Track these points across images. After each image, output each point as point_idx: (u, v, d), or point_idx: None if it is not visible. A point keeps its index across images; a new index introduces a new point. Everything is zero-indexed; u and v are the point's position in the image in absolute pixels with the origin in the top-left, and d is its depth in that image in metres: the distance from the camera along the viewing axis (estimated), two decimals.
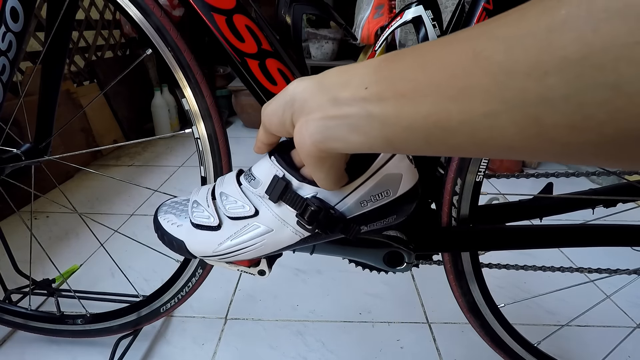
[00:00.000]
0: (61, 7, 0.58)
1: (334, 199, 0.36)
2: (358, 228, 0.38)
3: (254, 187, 0.38)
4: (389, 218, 0.39)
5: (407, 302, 0.93)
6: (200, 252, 0.42)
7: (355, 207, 0.37)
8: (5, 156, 0.63)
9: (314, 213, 0.35)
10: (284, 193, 0.36)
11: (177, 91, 0.56)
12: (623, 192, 0.56)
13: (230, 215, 0.39)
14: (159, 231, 0.44)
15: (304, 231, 0.38)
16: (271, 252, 0.40)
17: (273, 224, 0.38)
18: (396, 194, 0.37)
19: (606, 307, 0.91)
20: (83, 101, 1.73)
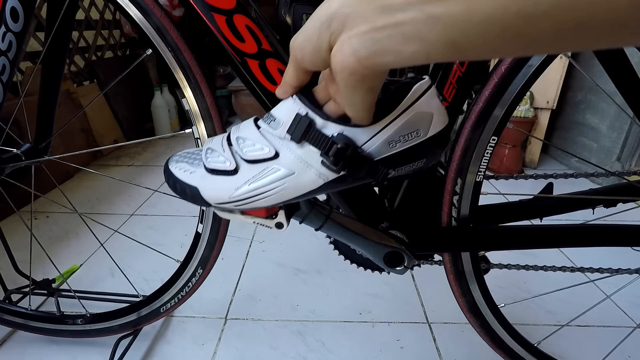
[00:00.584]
0: (61, 7, 0.58)
1: (361, 138, 0.34)
2: (386, 171, 0.35)
3: (274, 128, 0.35)
4: (417, 162, 0.37)
5: (407, 302, 0.93)
6: (215, 199, 0.39)
7: (384, 148, 0.35)
8: (5, 156, 0.63)
9: (340, 151, 0.33)
10: (307, 132, 0.34)
11: (177, 91, 0.56)
12: (623, 192, 0.56)
13: (248, 158, 0.37)
14: (170, 180, 0.41)
15: (328, 173, 0.35)
16: (292, 198, 0.38)
17: (295, 166, 0.36)
18: (427, 134, 0.35)
19: (606, 307, 0.91)
20: (83, 101, 1.73)
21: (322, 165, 0.35)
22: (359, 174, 0.35)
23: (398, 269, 0.55)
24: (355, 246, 0.53)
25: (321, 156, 0.34)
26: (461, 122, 0.51)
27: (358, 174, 0.35)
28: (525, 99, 1.65)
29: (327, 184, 0.36)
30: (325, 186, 0.36)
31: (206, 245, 0.65)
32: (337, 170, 0.35)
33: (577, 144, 1.74)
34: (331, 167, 0.34)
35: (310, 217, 0.49)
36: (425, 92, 0.33)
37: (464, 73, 0.46)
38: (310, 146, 0.34)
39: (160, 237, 1.19)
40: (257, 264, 1.07)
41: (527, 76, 0.45)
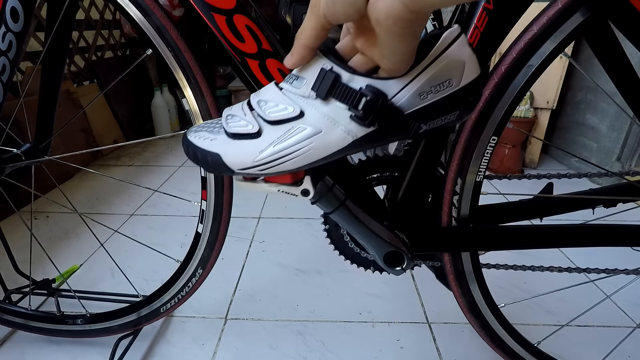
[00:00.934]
0: (61, 7, 0.58)
1: (391, 90, 0.33)
2: (417, 125, 0.34)
3: (297, 87, 0.34)
4: (450, 114, 0.35)
5: (407, 302, 0.93)
6: (238, 165, 0.38)
7: (415, 100, 0.33)
8: (5, 156, 0.63)
9: (369, 103, 0.32)
10: (334, 87, 0.33)
11: (177, 91, 0.56)
12: (623, 192, 0.56)
13: (271, 119, 0.36)
14: (190, 149, 0.40)
15: (357, 129, 0.34)
16: (319, 159, 0.36)
17: (321, 124, 0.34)
18: (459, 84, 0.34)
19: (606, 307, 0.91)
20: (83, 101, 1.73)
21: (350, 121, 0.34)
22: (389, 128, 0.34)
23: (396, 270, 0.55)
24: (361, 239, 0.53)
25: (349, 110, 0.33)
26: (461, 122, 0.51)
27: (388, 129, 0.34)
28: (525, 99, 1.65)
29: (356, 142, 0.35)
30: (353, 144, 0.35)
31: (206, 245, 0.65)
32: (366, 124, 0.33)
33: (577, 144, 1.74)
34: (360, 121, 0.33)
35: (326, 197, 0.47)
36: (455, 40, 0.32)
37: None
38: (336, 102, 0.33)
39: (160, 237, 1.19)
40: (257, 264, 1.07)
41: (527, 76, 0.45)
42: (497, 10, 0.42)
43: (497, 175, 0.59)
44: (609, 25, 0.42)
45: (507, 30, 0.44)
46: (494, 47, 0.45)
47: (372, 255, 0.55)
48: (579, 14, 0.42)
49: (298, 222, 1.26)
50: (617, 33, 0.42)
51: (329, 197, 0.48)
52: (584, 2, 0.41)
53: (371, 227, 0.52)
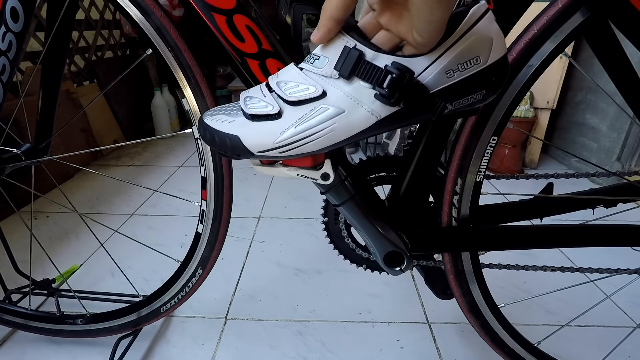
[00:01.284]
0: (61, 7, 0.58)
1: (417, 67, 0.32)
2: (443, 104, 0.33)
3: (319, 66, 0.33)
4: (477, 93, 0.34)
5: (407, 302, 0.93)
6: (258, 147, 0.36)
7: (441, 78, 0.32)
8: (5, 156, 0.63)
9: (395, 81, 0.31)
10: (357, 65, 0.32)
11: (177, 91, 0.56)
12: (623, 192, 0.56)
13: (293, 99, 0.35)
14: (207, 132, 0.38)
15: (381, 109, 0.33)
16: (342, 140, 0.35)
17: (345, 104, 0.33)
18: (486, 62, 0.33)
19: (606, 307, 0.91)
20: (83, 101, 1.73)
21: (374, 100, 0.33)
22: (414, 108, 0.33)
23: (395, 270, 0.55)
24: (365, 235, 0.53)
25: (374, 89, 0.32)
26: (461, 122, 0.51)
27: (413, 109, 0.33)
28: (525, 99, 1.65)
29: (380, 122, 0.34)
30: (377, 125, 0.34)
31: (206, 245, 0.65)
32: (392, 103, 0.32)
33: (577, 144, 1.74)
34: (386, 100, 0.32)
35: (337, 189, 0.47)
36: (483, 16, 0.31)
37: None
38: (360, 81, 0.32)
39: (160, 237, 1.19)
40: (257, 264, 1.07)
41: (527, 76, 0.45)
42: (497, 10, 0.42)
43: (497, 175, 0.59)
44: (609, 25, 0.42)
45: (507, 30, 0.44)
46: None
47: (372, 253, 0.55)
48: (579, 14, 0.42)
49: (298, 222, 1.26)
50: (617, 33, 0.42)
51: (340, 189, 0.48)
52: (584, 2, 0.41)
53: (376, 224, 0.52)
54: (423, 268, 0.61)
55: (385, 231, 0.53)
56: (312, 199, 1.41)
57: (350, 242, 0.60)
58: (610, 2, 0.40)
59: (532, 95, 1.67)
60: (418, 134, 0.50)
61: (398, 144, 1.60)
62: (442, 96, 0.33)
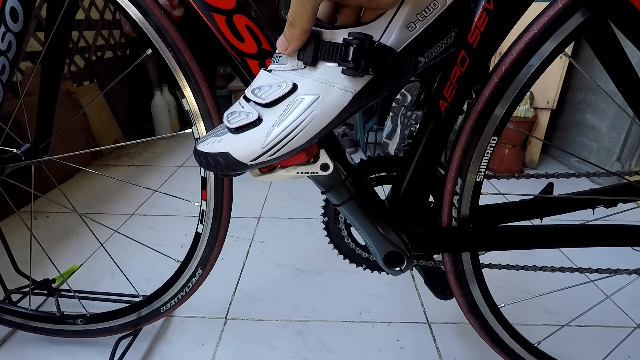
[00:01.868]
0: (61, 7, 0.58)
1: (375, 30, 0.32)
2: (414, 59, 0.33)
3: (284, 62, 0.34)
4: (447, 37, 0.34)
5: (407, 302, 0.93)
6: (249, 155, 0.37)
7: (403, 34, 0.32)
8: (5, 156, 0.63)
9: (357, 49, 0.31)
10: (318, 48, 0.32)
11: (177, 91, 0.56)
12: (623, 192, 0.56)
13: (268, 101, 0.35)
14: (202, 158, 0.40)
15: (353, 83, 0.33)
16: (325, 125, 0.35)
17: (317, 89, 0.34)
18: (445, 3, 0.32)
19: (606, 307, 0.91)
20: (83, 101, 1.73)
21: (344, 77, 0.33)
22: (385, 72, 0.32)
23: (395, 270, 0.55)
24: (365, 235, 0.53)
25: (340, 66, 0.32)
26: (461, 122, 0.51)
27: (384, 73, 0.32)
28: (525, 99, 1.65)
29: (357, 97, 0.34)
30: (355, 100, 0.34)
31: (206, 245, 0.65)
32: (361, 73, 0.32)
33: (577, 144, 1.74)
34: (354, 72, 0.32)
35: (337, 189, 0.47)
36: None
37: (464, 73, 0.45)
38: (325, 63, 0.32)
39: (160, 237, 1.19)
40: (257, 264, 1.07)
41: (527, 76, 0.45)
42: (497, 10, 0.42)
43: (497, 175, 0.59)
44: (609, 25, 0.42)
45: (507, 30, 0.44)
46: (494, 47, 0.45)
47: (372, 253, 0.55)
48: (579, 14, 0.42)
49: (298, 222, 1.26)
50: (618, 33, 0.42)
51: (340, 189, 0.48)
52: (584, 2, 0.41)
53: (377, 224, 0.52)
54: (422, 268, 0.61)
55: (386, 231, 0.53)
56: (312, 199, 1.41)
57: (350, 242, 0.60)
58: (611, 2, 0.40)
59: (532, 95, 1.67)
60: (418, 134, 0.50)
61: (398, 144, 1.60)
62: (412, 51, 0.33)
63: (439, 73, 0.49)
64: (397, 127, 1.59)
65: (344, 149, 0.52)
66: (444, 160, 0.54)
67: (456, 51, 0.45)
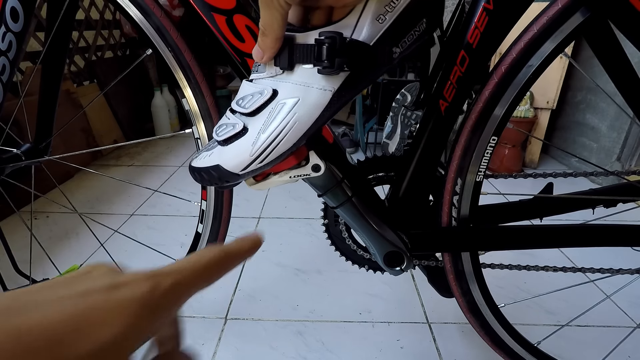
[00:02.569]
0: (61, 7, 0.58)
1: (346, 28, 0.32)
2: (388, 49, 0.33)
3: (262, 71, 0.35)
4: (418, 25, 0.34)
5: (407, 302, 0.93)
6: (239, 165, 0.38)
7: (374, 26, 0.33)
8: (5, 156, 0.63)
9: (330, 47, 0.31)
10: (292, 52, 0.33)
11: (177, 91, 0.56)
12: (623, 192, 0.56)
13: (252, 109, 0.36)
14: (196, 173, 0.40)
15: (331, 81, 0.34)
16: (310, 125, 0.36)
17: (296, 92, 0.34)
18: None
19: (606, 307, 0.91)
20: (83, 101, 1.73)
21: (321, 77, 0.33)
22: (360, 66, 0.33)
23: (396, 270, 0.55)
24: (364, 236, 0.53)
25: (316, 66, 0.33)
26: (461, 122, 0.51)
27: (360, 67, 0.33)
28: (525, 99, 1.65)
29: (337, 95, 0.34)
30: (336, 98, 0.35)
31: (206, 245, 0.65)
32: (336, 70, 0.33)
33: (577, 144, 1.74)
34: (329, 70, 0.32)
35: (333, 191, 0.48)
36: None
37: (464, 73, 0.46)
38: (301, 66, 0.33)
39: (160, 237, 1.19)
40: (257, 264, 1.07)
41: (527, 76, 0.45)
42: (497, 10, 0.42)
43: (496, 175, 0.59)
44: (609, 25, 0.42)
45: (507, 30, 0.44)
46: (494, 47, 0.45)
47: (372, 254, 0.55)
48: (579, 14, 0.42)
49: (298, 222, 1.26)
50: (617, 33, 0.42)
51: (337, 191, 0.48)
52: (584, 2, 0.41)
53: (375, 225, 0.52)
54: (426, 267, 0.61)
55: (384, 231, 0.53)
56: (312, 199, 1.41)
57: (352, 243, 0.60)
58: (610, 2, 0.40)
59: (532, 95, 1.67)
60: (418, 134, 0.50)
61: (398, 144, 1.60)
62: (385, 43, 0.33)
63: (439, 73, 0.49)
64: (397, 127, 1.59)
65: (343, 149, 0.52)
66: (444, 160, 0.54)
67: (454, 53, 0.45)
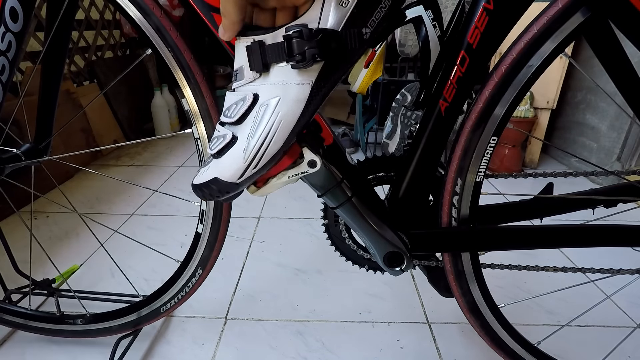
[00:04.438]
0: (61, 7, 0.58)
1: (310, 19, 0.33)
2: (357, 31, 0.33)
3: (241, 78, 0.36)
4: (384, 1, 0.34)
5: (407, 302, 0.93)
6: (235, 174, 0.38)
7: (339, 12, 0.33)
8: (5, 156, 0.63)
9: (299, 40, 0.32)
10: (264, 53, 0.33)
11: (177, 91, 0.56)
12: (623, 192, 0.56)
13: (237, 117, 0.37)
14: (198, 190, 0.41)
15: (307, 74, 0.34)
16: (295, 122, 0.36)
17: (276, 91, 0.35)
18: None
19: (606, 307, 0.91)
20: (83, 101, 1.73)
21: (297, 73, 0.34)
22: (332, 54, 0.33)
23: (396, 270, 0.55)
24: (364, 236, 0.53)
25: (289, 62, 0.33)
26: (461, 122, 0.51)
27: (332, 55, 0.33)
28: (525, 99, 1.65)
29: (316, 86, 0.35)
30: (316, 90, 0.35)
31: (206, 245, 0.65)
32: (308, 62, 0.33)
33: (577, 144, 1.74)
34: (303, 63, 0.33)
35: (333, 192, 0.48)
36: None
37: (464, 73, 0.46)
38: (276, 66, 0.34)
39: (160, 237, 1.19)
40: (257, 264, 1.07)
41: (527, 76, 0.45)
42: (497, 10, 0.42)
43: (495, 174, 0.59)
44: (609, 25, 0.42)
45: (507, 30, 0.44)
46: (494, 47, 0.45)
47: (372, 254, 0.55)
48: (579, 14, 0.42)
49: (298, 222, 1.26)
50: (617, 33, 0.42)
51: (336, 192, 0.48)
52: (584, 2, 0.41)
53: (375, 225, 0.52)
54: (426, 267, 0.61)
55: (384, 231, 0.53)
56: (312, 199, 1.41)
57: (352, 243, 0.60)
58: (610, 2, 0.40)
59: (532, 95, 1.67)
60: (418, 134, 0.51)
61: (398, 144, 1.60)
62: (353, 25, 0.33)
63: (439, 73, 0.49)
64: (397, 127, 1.59)
65: (343, 149, 0.52)
66: (444, 160, 0.54)
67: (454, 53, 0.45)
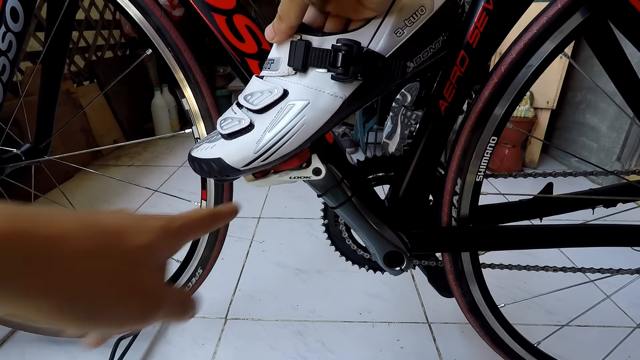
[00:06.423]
0: (61, 7, 0.58)
1: (364, 37, 0.32)
2: (402, 64, 0.34)
3: (275, 69, 0.35)
4: (435, 42, 0.34)
5: (407, 302, 0.93)
6: (241, 161, 0.37)
7: (392, 39, 0.33)
8: (5, 156, 0.63)
9: (346, 56, 0.32)
10: (308, 54, 0.33)
11: (177, 91, 0.56)
12: (623, 192, 0.56)
13: (260, 107, 0.36)
14: (196, 164, 0.40)
15: (343, 88, 0.34)
16: (316, 130, 0.36)
17: (307, 95, 0.34)
18: (432, 9, 0.33)
19: (606, 307, 0.91)
20: (83, 101, 1.73)
21: (334, 83, 0.33)
22: (373, 77, 0.33)
23: (395, 270, 0.55)
24: (364, 236, 0.53)
25: (329, 72, 0.33)
26: (461, 122, 0.51)
27: (373, 78, 0.33)
28: (525, 99, 1.65)
29: (347, 103, 0.35)
30: (345, 106, 0.35)
31: (206, 245, 0.65)
32: (349, 79, 0.33)
33: (577, 144, 1.74)
34: (343, 77, 0.33)
35: (333, 191, 0.48)
36: None
37: (463, 73, 0.45)
38: (314, 70, 0.33)
39: None
40: (257, 264, 1.07)
41: (527, 76, 0.45)
42: (497, 10, 0.42)
43: (495, 174, 0.59)
44: (609, 25, 0.42)
45: (507, 30, 0.44)
46: (494, 47, 0.45)
47: (372, 254, 0.55)
48: (579, 14, 0.42)
49: (298, 222, 1.26)
50: (617, 33, 0.42)
51: (336, 191, 0.48)
52: (584, 2, 0.41)
53: (375, 225, 0.52)
54: (426, 267, 0.61)
55: (384, 231, 0.53)
56: (312, 199, 1.41)
57: (352, 243, 0.60)
58: (610, 2, 0.40)
59: (532, 95, 1.67)
60: (418, 134, 0.50)
61: (398, 144, 1.60)
62: (400, 56, 0.33)
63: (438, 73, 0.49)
64: (397, 127, 1.59)
65: (343, 149, 0.52)
66: (444, 160, 0.54)
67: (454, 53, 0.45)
